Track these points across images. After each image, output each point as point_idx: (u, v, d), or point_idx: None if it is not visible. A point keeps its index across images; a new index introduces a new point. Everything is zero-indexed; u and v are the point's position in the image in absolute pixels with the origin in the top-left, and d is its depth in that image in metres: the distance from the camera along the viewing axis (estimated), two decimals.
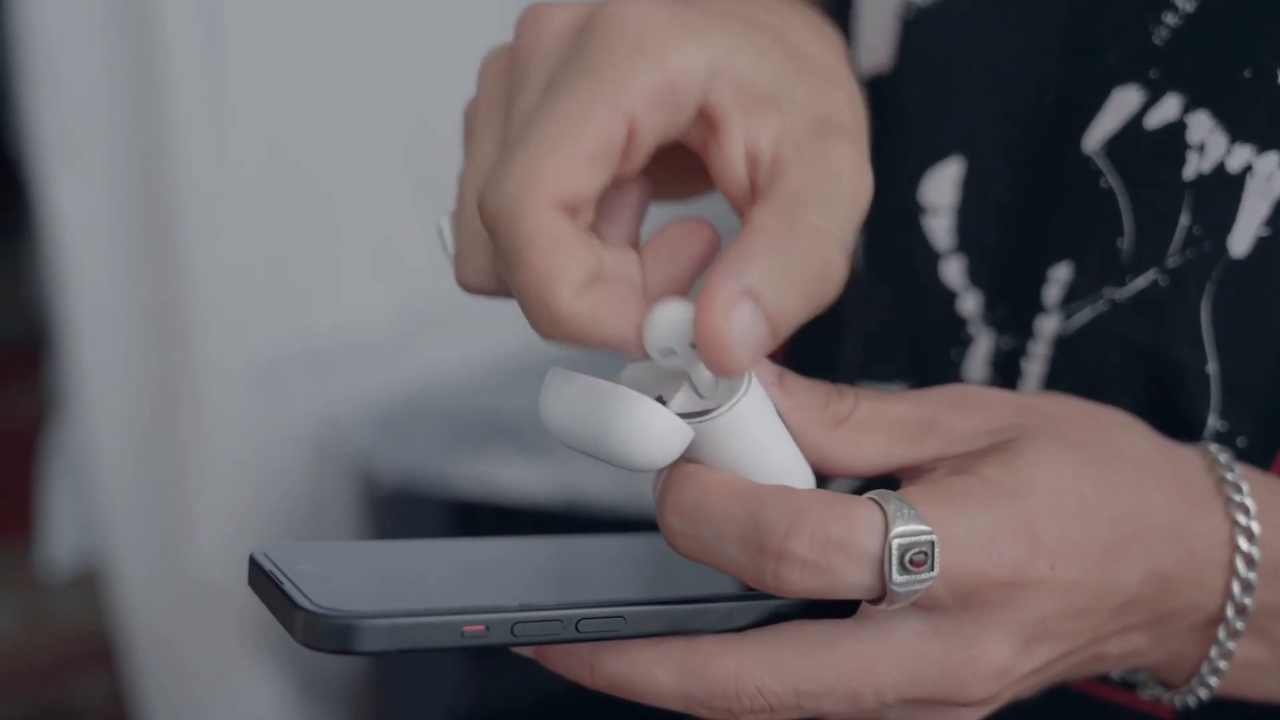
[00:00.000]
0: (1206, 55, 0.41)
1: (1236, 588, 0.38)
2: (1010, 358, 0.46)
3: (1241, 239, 0.41)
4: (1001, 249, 0.46)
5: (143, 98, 1.22)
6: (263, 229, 1.31)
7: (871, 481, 0.38)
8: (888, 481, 0.38)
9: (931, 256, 0.47)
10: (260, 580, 0.34)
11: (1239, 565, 0.38)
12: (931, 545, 0.33)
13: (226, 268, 1.28)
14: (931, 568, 0.34)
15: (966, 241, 0.46)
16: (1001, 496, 0.35)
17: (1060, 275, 0.44)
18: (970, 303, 0.46)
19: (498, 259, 0.35)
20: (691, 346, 0.34)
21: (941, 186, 0.46)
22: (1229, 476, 0.39)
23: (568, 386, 0.35)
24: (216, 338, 1.28)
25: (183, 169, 1.23)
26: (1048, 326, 0.44)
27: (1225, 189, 0.41)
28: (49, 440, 1.50)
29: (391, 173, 1.38)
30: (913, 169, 0.47)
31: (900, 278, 0.48)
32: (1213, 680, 0.39)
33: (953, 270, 0.47)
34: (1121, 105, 0.43)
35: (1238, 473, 0.39)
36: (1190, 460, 0.39)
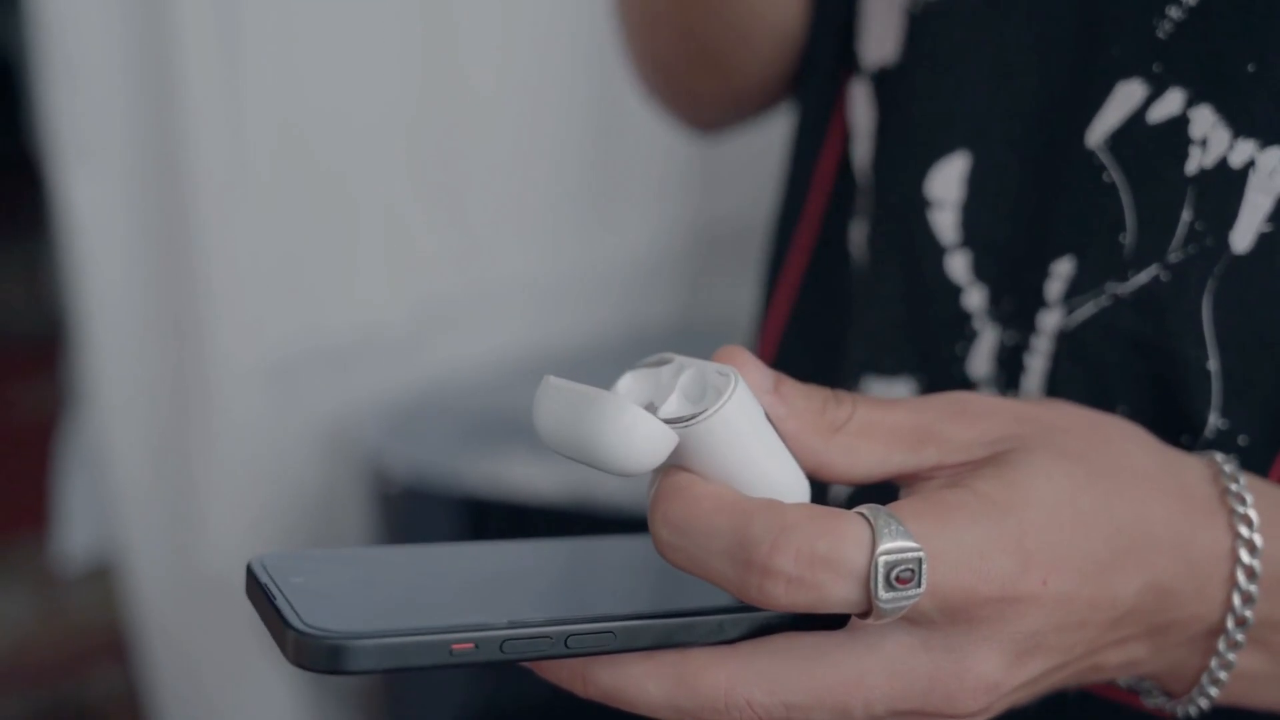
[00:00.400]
0: (1210, 49, 0.41)
1: (1237, 600, 0.37)
2: (1014, 353, 0.45)
3: (1244, 235, 0.40)
4: (1007, 244, 0.46)
5: (158, 96, 1.22)
6: (277, 226, 1.31)
7: (869, 489, 0.38)
8: (885, 488, 0.38)
9: (937, 251, 0.46)
10: (255, 592, 0.34)
11: (1240, 578, 0.37)
12: (919, 562, 0.33)
13: (240, 265, 1.28)
14: (919, 584, 0.33)
15: (972, 236, 0.46)
16: (993, 511, 0.35)
17: (1063, 270, 0.44)
18: (975, 297, 0.46)
19: None
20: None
21: (947, 181, 0.46)
22: (1233, 488, 0.38)
23: (557, 394, 0.35)
24: (230, 335, 1.29)
25: (198, 166, 1.23)
26: (1050, 321, 0.44)
27: (1227, 184, 0.41)
28: (64, 434, 1.51)
29: (406, 172, 1.38)
30: (919, 163, 0.46)
31: (905, 272, 0.48)
32: (1213, 690, 0.39)
33: (958, 265, 0.46)
34: (1125, 99, 0.42)
35: (1242, 484, 0.38)
36: (1194, 470, 0.39)
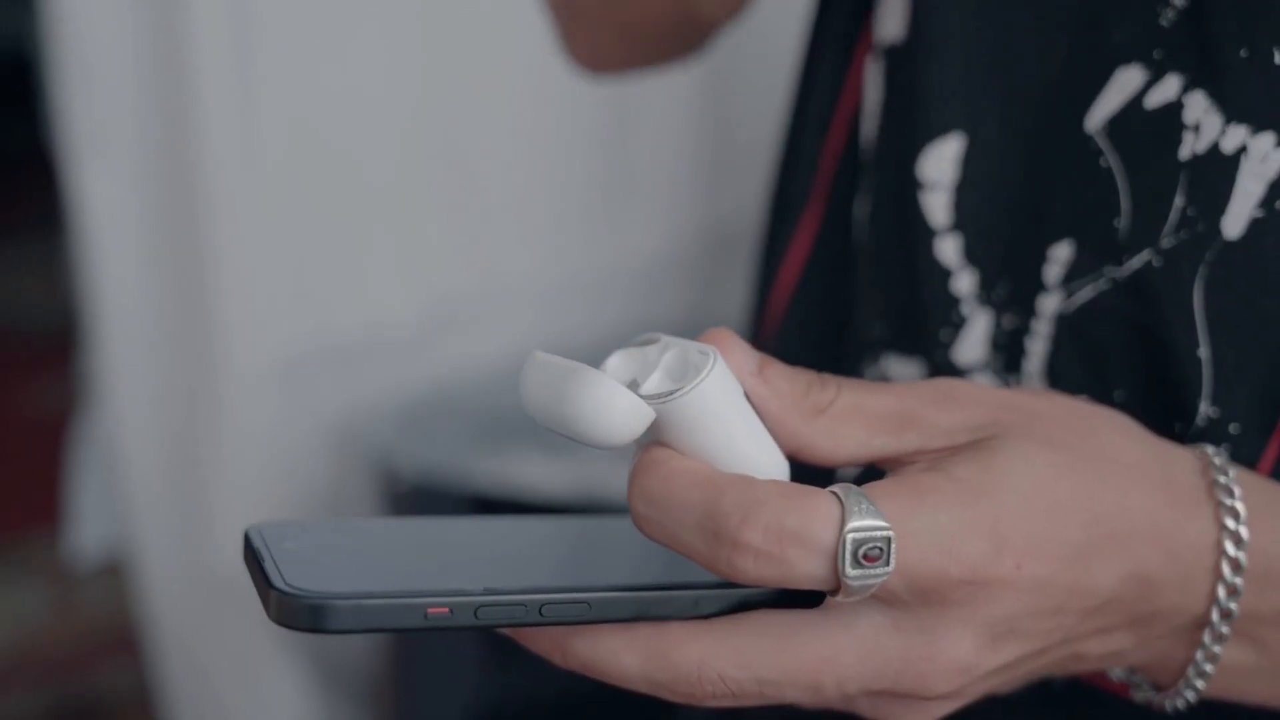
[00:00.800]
0: (1206, 35, 0.41)
1: (1222, 592, 0.37)
2: (1014, 337, 0.45)
3: (1235, 221, 0.40)
4: (999, 228, 0.45)
5: (171, 94, 1.23)
6: (288, 226, 1.32)
7: (875, 471, 0.38)
8: (870, 473, 0.38)
9: (927, 233, 0.46)
10: (249, 556, 0.36)
11: (1225, 570, 0.37)
12: (888, 541, 0.34)
13: (251, 264, 1.29)
14: (887, 563, 0.34)
15: (963, 219, 0.46)
16: (968, 495, 0.35)
17: (1061, 254, 0.44)
18: (965, 281, 0.46)
19: None
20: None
21: (940, 163, 0.46)
22: (1222, 480, 0.38)
23: (542, 368, 0.36)
24: (241, 333, 1.29)
25: (209, 165, 1.24)
26: (1050, 305, 0.44)
27: (1219, 169, 0.40)
28: (77, 430, 1.52)
29: (416, 172, 1.38)
30: (914, 144, 0.46)
31: (898, 254, 0.47)
32: (1199, 683, 0.39)
33: (949, 248, 0.46)
34: (1124, 85, 0.42)
35: (1231, 476, 0.38)
36: (1183, 462, 0.39)
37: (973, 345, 0.46)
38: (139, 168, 1.24)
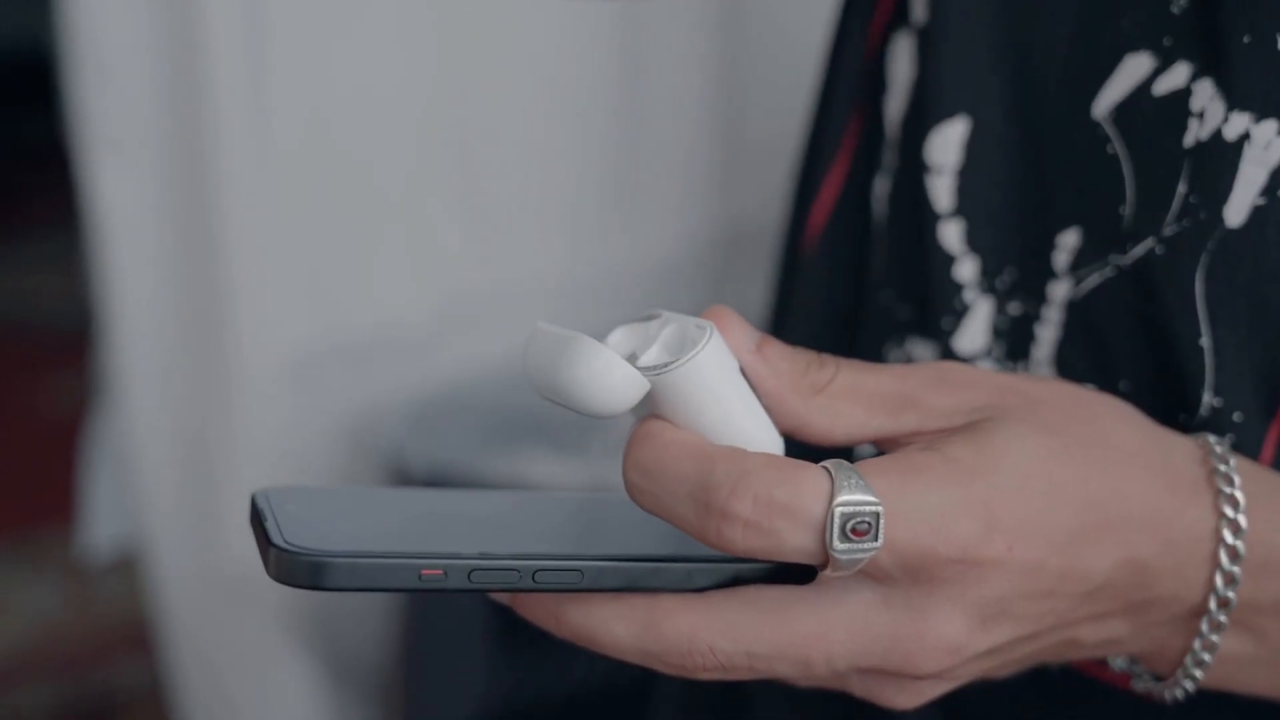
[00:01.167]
0: (1215, 22, 0.41)
1: (1219, 580, 0.37)
2: (1022, 324, 0.45)
3: (1237, 209, 0.40)
4: (1002, 214, 0.45)
5: (185, 91, 1.23)
6: (301, 225, 1.32)
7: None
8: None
9: (931, 218, 0.46)
10: (254, 518, 0.37)
11: (1223, 558, 0.37)
12: (876, 516, 0.34)
13: (264, 262, 1.29)
14: (875, 538, 0.34)
15: (967, 205, 0.46)
16: (961, 475, 0.35)
17: (1069, 241, 0.44)
18: (967, 269, 0.46)
19: None
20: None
21: (946, 146, 0.46)
22: (1222, 468, 0.38)
23: (544, 339, 0.36)
24: (253, 331, 1.30)
25: (223, 162, 1.24)
26: (1059, 291, 0.44)
27: (1222, 157, 0.40)
28: (91, 427, 1.53)
29: (430, 171, 1.39)
30: (923, 127, 0.46)
31: (911, 238, 0.47)
32: (1197, 672, 0.39)
33: (951, 233, 0.46)
34: (1132, 71, 0.42)
35: (1231, 465, 0.38)
36: (1182, 450, 0.39)
37: (973, 335, 0.46)
38: (154, 166, 1.25)
